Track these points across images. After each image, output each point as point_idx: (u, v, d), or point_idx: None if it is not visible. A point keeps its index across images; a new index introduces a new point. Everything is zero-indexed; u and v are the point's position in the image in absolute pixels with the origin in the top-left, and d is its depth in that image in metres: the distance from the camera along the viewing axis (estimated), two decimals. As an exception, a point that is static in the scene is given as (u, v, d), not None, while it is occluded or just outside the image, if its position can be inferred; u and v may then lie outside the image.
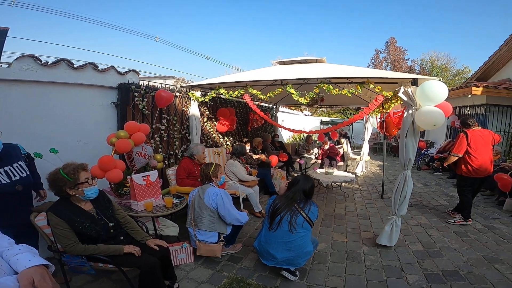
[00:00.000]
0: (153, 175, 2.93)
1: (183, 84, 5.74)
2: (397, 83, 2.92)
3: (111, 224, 2.12)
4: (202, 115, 5.05)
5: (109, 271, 2.32)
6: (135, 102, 3.71)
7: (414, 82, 2.77)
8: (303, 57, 4.63)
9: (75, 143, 3.13)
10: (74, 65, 3.07)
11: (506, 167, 5.49)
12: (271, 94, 3.50)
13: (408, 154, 2.85)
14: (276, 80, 3.49)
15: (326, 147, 7.01)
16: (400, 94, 2.77)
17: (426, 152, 8.71)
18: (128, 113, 3.70)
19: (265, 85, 4.08)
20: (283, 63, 4.83)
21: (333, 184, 5.51)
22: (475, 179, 3.95)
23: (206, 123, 5.24)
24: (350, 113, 14.54)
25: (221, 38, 53.10)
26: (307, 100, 3.18)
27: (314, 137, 8.85)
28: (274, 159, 5.62)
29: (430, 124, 2.56)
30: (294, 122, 12.00)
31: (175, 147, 4.47)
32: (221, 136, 5.79)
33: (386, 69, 32.72)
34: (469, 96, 7.12)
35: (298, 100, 3.19)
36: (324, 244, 3.31)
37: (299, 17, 51.02)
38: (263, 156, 5.56)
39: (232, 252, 3.01)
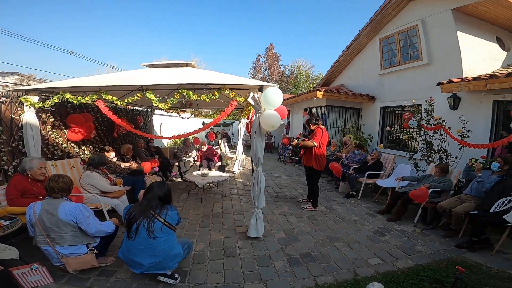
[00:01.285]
0: None
1: (33, 85, 4.52)
2: (248, 89, 3.29)
3: None
4: (44, 122, 4.15)
5: None
6: None
7: (261, 89, 3.18)
8: (173, 61, 4.57)
9: None
10: None
11: (339, 156, 7.23)
12: (129, 100, 3.26)
13: (257, 153, 3.26)
14: (134, 85, 3.27)
15: (204, 149, 7.17)
16: (249, 99, 3.15)
17: (290, 147, 10.28)
18: None
19: (123, 90, 3.75)
20: (152, 66, 4.61)
21: (210, 184, 5.70)
22: (318, 171, 4.78)
23: (51, 132, 4.33)
24: (234, 114, 15.40)
25: (92, 34, 45.00)
26: (167, 105, 3.14)
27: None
28: (146, 166, 5.28)
29: (270, 125, 3.03)
30: (174, 125, 11.59)
31: (2, 162, 3.49)
32: (75, 146, 4.93)
33: (264, 73, 36.70)
34: (315, 99, 8.88)
35: (158, 106, 3.10)
36: (202, 244, 3.38)
37: (188, 18, 49.84)
38: (134, 164, 5.12)
39: (104, 265, 2.73)
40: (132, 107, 7.35)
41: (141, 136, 4.91)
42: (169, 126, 11.25)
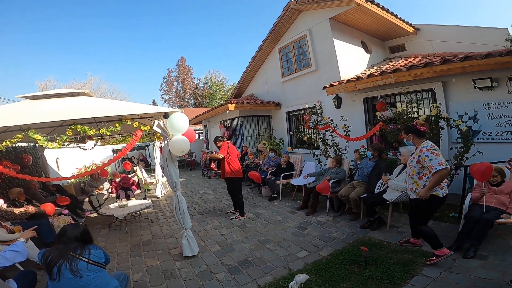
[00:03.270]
0: None
1: None
2: (152, 117, 3.28)
3: None
4: None
5: None
6: None
7: (166, 115, 3.22)
8: (61, 90, 4.10)
9: None
10: None
11: (257, 163, 7.75)
12: (8, 142, 2.80)
13: (172, 178, 3.30)
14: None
15: (118, 179, 6.60)
16: (155, 127, 3.15)
17: (204, 163, 10.28)
18: None
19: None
20: (33, 97, 4.02)
21: (132, 214, 5.30)
22: (238, 180, 5.08)
23: None
24: (147, 134, 14.33)
25: None
26: (59, 145, 2.85)
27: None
28: (48, 208, 4.55)
29: (179, 150, 3.12)
30: (76, 157, 9.95)
31: None
32: None
33: (177, 87, 35.55)
34: (227, 111, 9.23)
35: (47, 146, 2.78)
36: (139, 273, 3.26)
37: (84, 32, 43.35)
38: (30, 208, 4.38)
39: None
40: (17, 145, 6.16)
41: (40, 173, 4.20)
42: (69, 159, 9.68)
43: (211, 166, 5.32)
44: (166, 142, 3.18)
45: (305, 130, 8.54)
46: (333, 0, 6.67)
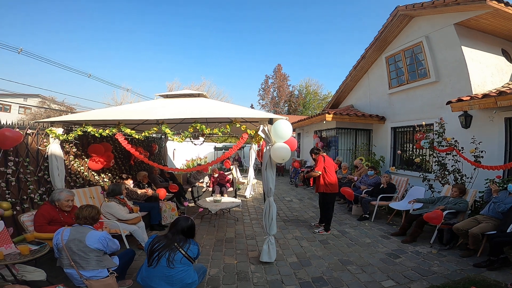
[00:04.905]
0: None
1: (54, 107, 4.85)
2: (258, 121, 3.45)
3: None
4: (67, 153, 4.41)
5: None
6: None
7: (271, 121, 3.32)
8: (186, 91, 4.83)
9: None
10: None
11: (351, 179, 7.19)
12: (146, 133, 3.46)
13: (268, 184, 3.36)
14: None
15: (216, 175, 7.30)
16: (260, 132, 3.29)
17: (300, 171, 10.29)
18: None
19: (140, 123, 3.99)
20: (166, 96, 4.88)
21: (222, 210, 5.76)
22: (331, 195, 4.86)
23: (74, 161, 4.59)
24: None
25: (108, 56, 47.65)
26: (182, 139, 3.32)
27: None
28: (161, 192, 5.44)
29: (280, 158, 3.14)
30: (187, 150, 11.89)
31: (29, 191, 3.72)
32: (95, 174, 5.17)
33: (273, 94, 37.28)
34: (324, 122, 8.95)
35: (173, 139, 3.29)
36: (216, 269, 3.44)
37: (198, 41, 52.03)
38: (149, 191, 5.30)
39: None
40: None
41: (162, 161, 5.09)
42: (182, 151, 11.56)
43: (311, 184, 5.27)
44: (268, 147, 3.28)
45: (414, 150, 7.41)
46: (458, 4, 5.55)
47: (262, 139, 4.93)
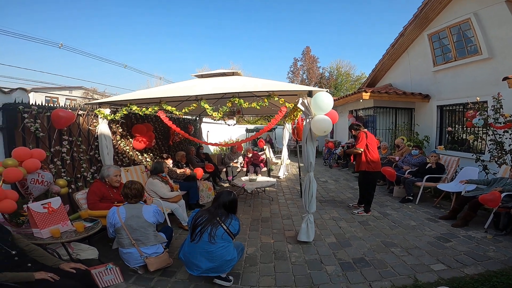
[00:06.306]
0: (55, 201, 2.75)
1: (96, 98, 5.18)
2: (296, 95, 3.33)
3: (13, 252, 2.06)
4: (114, 133, 4.68)
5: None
6: (25, 124, 3.23)
7: (310, 94, 3.19)
8: (221, 70, 4.82)
9: None
10: None
11: (391, 159, 6.81)
12: (186, 109, 3.52)
13: (309, 158, 3.26)
14: (191, 95, 3.54)
15: (250, 155, 7.35)
16: (299, 105, 3.18)
17: (335, 151, 10.00)
18: (17, 138, 3.21)
19: (180, 100, 4.07)
20: (201, 76, 4.91)
21: (258, 189, 5.81)
22: (374, 174, 4.61)
23: (120, 141, 4.87)
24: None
25: (141, 46, 49.33)
26: (220, 114, 3.33)
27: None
28: (199, 172, 5.60)
29: (322, 130, 3.01)
30: (219, 132, 12.14)
31: (82, 169, 4.02)
32: (139, 153, 5.46)
33: (302, 76, 36.33)
34: (361, 100, 8.53)
35: (212, 114, 3.31)
36: (253, 247, 3.47)
37: (224, 28, 51.61)
38: (187, 170, 5.48)
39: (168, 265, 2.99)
40: (183, 117, 7.90)
41: (197, 143, 5.22)
42: (215, 133, 11.80)
43: (352, 160, 5.04)
44: (308, 120, 3.17)
45: (464, 129, 6.81)
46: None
47: (299, 115, 4.90)
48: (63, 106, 4.01)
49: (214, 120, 7.18)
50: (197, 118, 8.27)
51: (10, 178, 2.59)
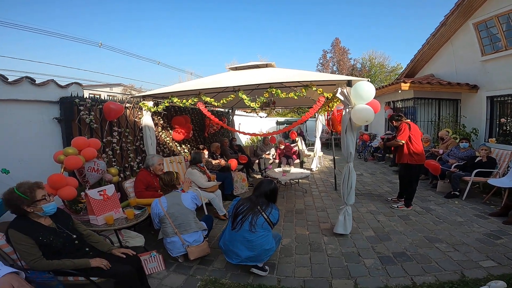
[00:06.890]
0: (110, 189, 2.93)
1: (134, 94, 5.55)
2: (335, 84, 3.26)
3: (74, 236, 2.14)
4: (156, 124, 4.96)
5: (80, 285, 2.20)
6: (80, 116, 3.55)
7: (349, 83, 3.11)
8: (254, 63, 4.85)
9: (17, 163, 2.90)
10: (8, 80, 2.84)
11: (435, 152, 6.41)
12: (224, 100, 3.60)
13: (349, 148, 3.19)
14: (228, 87, 3.63)
15: (282, 147, 7.35)
16: (338, 95, 3.11)
17: (370, 144, 9.63)
18: (74, 128, 3.53)
19: (218, 92, 4.19)
20: (236, 68, 4.99)
21: (291, 181, 5.81)
22: (417, 167, 4.35)
23: (161, 133, 5.16)
24: (303, 112, 15.28)
25: (173, 42, 51.22)
26: (258, 104, 3.37)
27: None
28: (233, 163, 5.73)
29: (363, 120, 2.93)
30: (251, 125, 12.29)
31: (129, 159, 4.33)
32: (178, 145, 5.74)
33: (332, 68, 35.15)
34: (399, 91, 8.08)
35: (250, 105, 3.37)
36: (288, 238, 3.49)
37: (251, 21, 51.55)
38: (222, 161, 5.64)
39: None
40: (216, 109, 8.11)
41: (230, 135, 5.34)
42: (247, 125, 11.99)
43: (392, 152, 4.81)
44: (347, 110, 3.10)
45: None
46: None
47: (335, 106, 4.79)
48: (112, 98, 4.33)
49: (249, 111, 7.28)
50: (230, 111, 8.43)
51: (70, 165, 2.74)
